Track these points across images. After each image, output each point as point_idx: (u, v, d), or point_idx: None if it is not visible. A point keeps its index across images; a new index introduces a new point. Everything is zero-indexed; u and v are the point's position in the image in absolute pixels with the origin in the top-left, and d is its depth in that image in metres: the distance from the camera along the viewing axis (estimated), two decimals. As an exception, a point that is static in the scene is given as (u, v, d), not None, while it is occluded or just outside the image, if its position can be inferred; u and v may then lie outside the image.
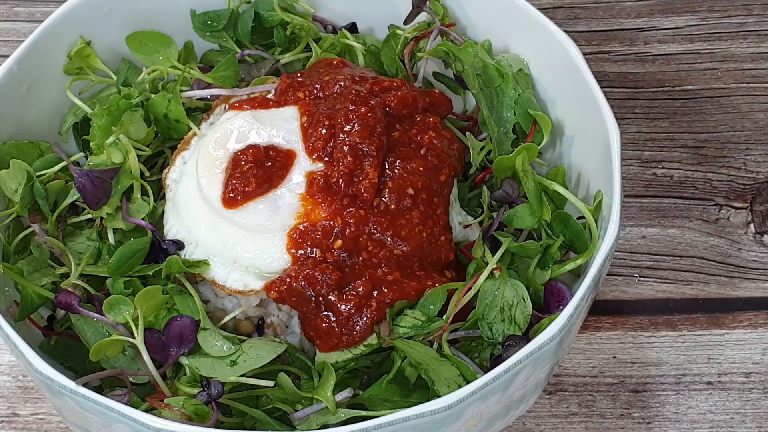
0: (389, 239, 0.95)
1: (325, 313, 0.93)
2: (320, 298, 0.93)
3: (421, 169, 0.97)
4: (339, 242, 0.94)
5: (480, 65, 1.07)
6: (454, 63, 1.10)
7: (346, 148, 0.96)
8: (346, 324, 0.93)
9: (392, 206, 0.95)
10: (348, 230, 0.94)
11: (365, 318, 0.92)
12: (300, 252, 0.94)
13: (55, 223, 1.00)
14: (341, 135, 0.97)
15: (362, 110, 0.98)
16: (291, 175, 0.97)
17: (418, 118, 1.02)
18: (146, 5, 1.13)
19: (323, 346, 0.94)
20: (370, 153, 0.96)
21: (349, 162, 0.95)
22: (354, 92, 1.01)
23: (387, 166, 0.97)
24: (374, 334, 0.93)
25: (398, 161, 0.98)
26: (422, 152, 0.99)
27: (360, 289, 0.92)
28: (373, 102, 1.00)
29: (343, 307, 0.92)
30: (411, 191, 0.96)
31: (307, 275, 0.92)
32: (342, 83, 1.03)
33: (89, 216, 1.02)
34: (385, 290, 0.93)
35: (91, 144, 1.01)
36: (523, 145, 1.00)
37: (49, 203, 1.00)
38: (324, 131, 0.97)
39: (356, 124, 0.97)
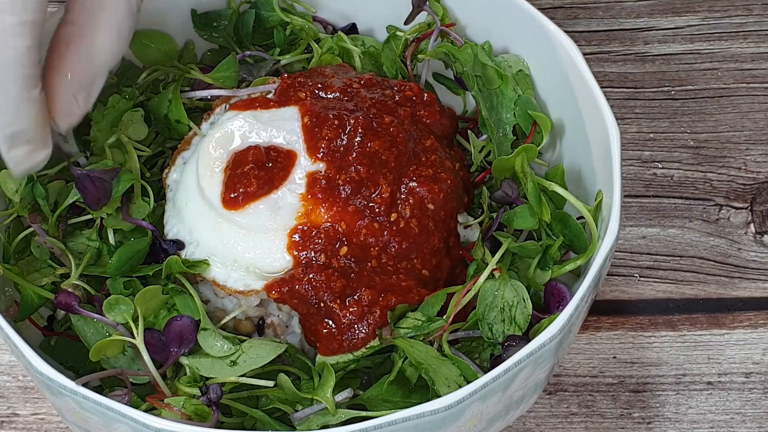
0: (416, 261, 0.95)
1: (326, 319, 0.93)
2: (321, 304, 0.93)
3: (449, 181, 0.98)
4: (345, 249, 0.94)
5: (479, 66, 1.07)
6: (454, 64, 1.10)
7: (355, 154, 0.95)
8: (347, 330, 0.93)
9: (413, 224, 0.95)
10: (356, 239, 0.94)
11: (367, 325, 0.92)
12: (303, 254, 0.94)
13: (55, 224, 1.00)
14: (356, 140, 0.96)
15: (387, 120, 0.98)
16: (292, 175, 0.97)
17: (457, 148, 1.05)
18: (147, 5, 1.13)
19: (324, 350, 0.93)
20: (387, 165, 0.96)
21: (362, 170, 0.95)
22: (377, 99, 1.01)
23: (410, 174, 0.97)
24: (376, 337, 0.93)
25: (427, 169, 0.98)
26: (457, 166, 1.00)
27: (364, 298, 0.92)
28: (401, 112, 1.00)
29: (344, 318, 0.92)
30: (431, 206, 0.96)
31: (311, 280, 0.92)
32: (353, 85, 1.03)
33: (89, 216, 1.01)
34: (390, 295, 0.93)
35: (92, 145, 1.01)
36: (522, 146, 1.00)
37: (49, 203, 1.00)
38: (331, 132, 0.97)
39: (377, 133, 0.97)
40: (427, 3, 1.11)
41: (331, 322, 0.93)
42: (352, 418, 0.88)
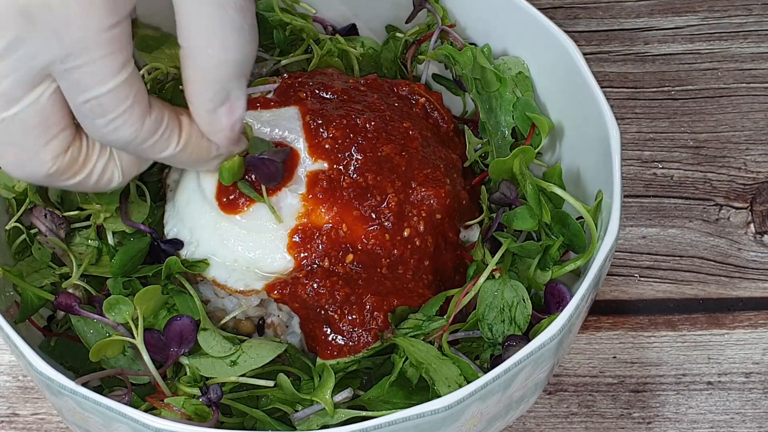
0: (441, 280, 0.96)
1: (325, 326, 0.93)
2: (322, 312, 0.93)
3: (464, 202, 0.98)
4: (351, 256, 0.93)
5: (478, 69, 1.07)
6: (454, 67, 1.10)
7: (362, 157, 0.95)
8: (345, 336, 0.92)
9: (429, 241, 0.95)
10: (361, 245, 0.94)
11: (368, 329, 0.92)
12: (304, 255, 0.94)
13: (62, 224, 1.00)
14: (365, 142, 0.96)
15: (405, 124, 0.98)
16: (292, 175, 0.97)
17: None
18: (148, 4, 1.13)
19: (323, 354, 0.93)
20: (397, 170, 0.96)
21: (369, 177, 0.95)
22: (393, 104, 1.01)
23: (420, 178, 0.97)
24: (377, 340, 0.93)
25: (444, 177, 0.97)
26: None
27: (367, 304, 0.92)
28: (425, 123, 1.00)
29: (343, 327, 0.92)
30: (439, 216, 0.96)
31: (315, 286, 0.92)
32: (359, 87, 1.03)
33: (88, 224, 1.01)
34: (393, 298, 0.93)
35: None
36: (520, 148, 0.99)
37: (54, 200, 1.00)
38: (337, 131, 0.97)
39: (390, 136, 0.97)
40: (428, 2, 1.11)
41: (329, 330, 0.93)
42: (352, 418, 0.88)
